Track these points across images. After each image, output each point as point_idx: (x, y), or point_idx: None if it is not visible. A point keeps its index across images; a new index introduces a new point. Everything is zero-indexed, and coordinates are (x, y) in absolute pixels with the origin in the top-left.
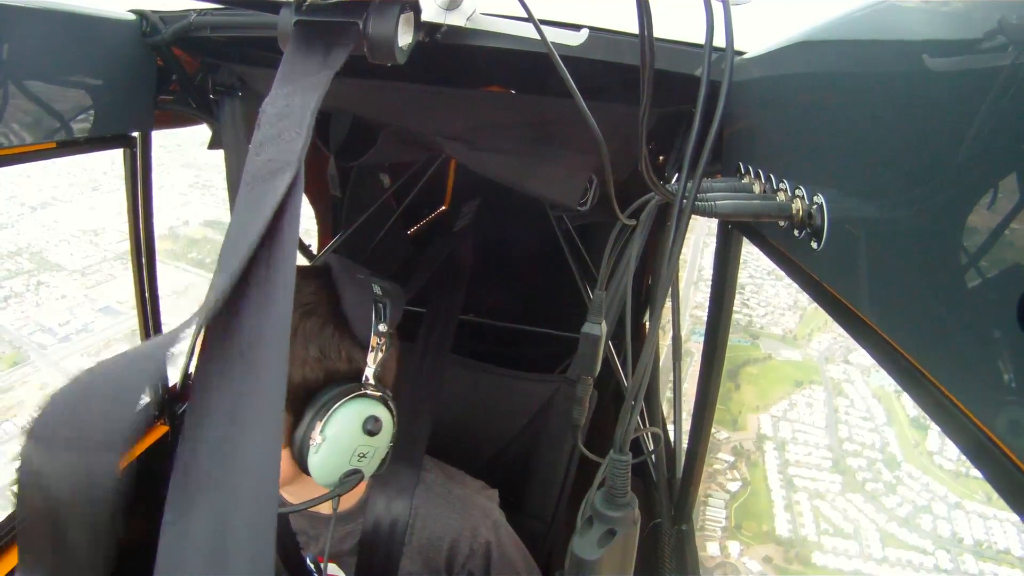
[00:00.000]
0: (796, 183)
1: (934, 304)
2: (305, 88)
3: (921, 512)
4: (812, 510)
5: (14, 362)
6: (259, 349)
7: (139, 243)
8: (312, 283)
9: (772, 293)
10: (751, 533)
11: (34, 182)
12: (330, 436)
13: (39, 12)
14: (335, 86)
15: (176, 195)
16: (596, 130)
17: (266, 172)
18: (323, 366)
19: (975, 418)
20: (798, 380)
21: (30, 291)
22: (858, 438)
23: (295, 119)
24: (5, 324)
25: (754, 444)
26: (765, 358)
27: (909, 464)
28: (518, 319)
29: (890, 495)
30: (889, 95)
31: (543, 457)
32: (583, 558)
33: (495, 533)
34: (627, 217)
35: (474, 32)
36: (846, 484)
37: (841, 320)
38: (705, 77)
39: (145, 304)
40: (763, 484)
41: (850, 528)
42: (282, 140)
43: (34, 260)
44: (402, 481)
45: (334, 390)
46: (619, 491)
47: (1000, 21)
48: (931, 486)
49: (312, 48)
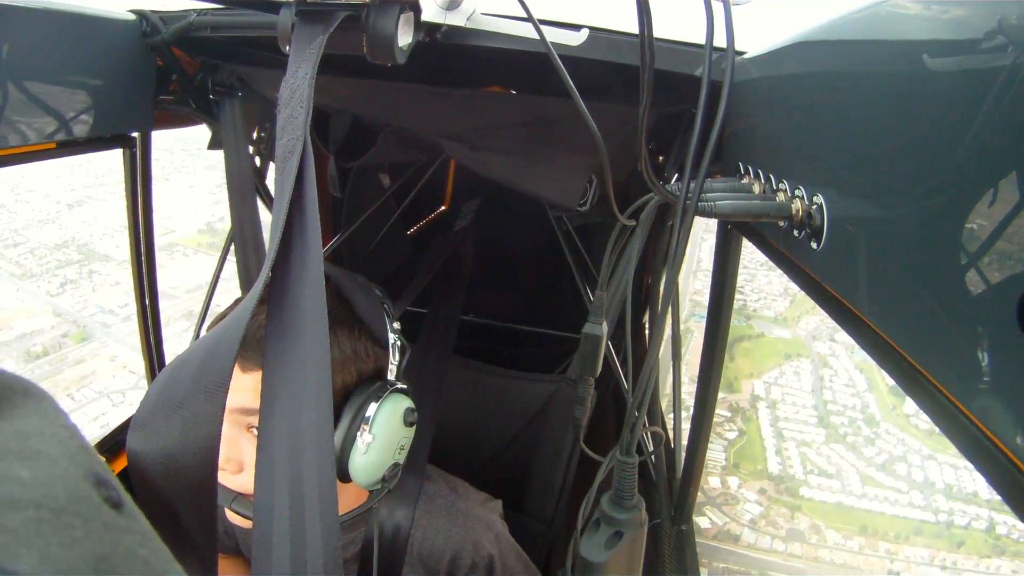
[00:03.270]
0: (796, 183)
1: (934, 304)
2: (307, 59)
3: (897, 460)
4: (800, 456)
5: (81, 339)
6: (301, 299)
7: (139, 243)
8: (327, 290)
9: (765, 282)
10: (747, 471)
11: (64, 182)
12: (379, 433)
13: (39, 12)
14: (335, 86)
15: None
16: (596, 130)
17: (286, 153)
18: (357, 368)
19: (975, 418)
20: (788, 354)
21: (83, 278)
22: (841, 401)
23: (300, 93)
24: (65, 307)
25: (748, 403)
26: (758, 335)
27: (887, 423)
28: (518, 319)
29: (869, 447)
30: (889, 95)
31: (543, 457)
32: (590, 560)
33: (497, 546)
34: (627, 217)
35: (474, 32)
36: (829, 436)
37: (841, 320)
38: (706, 77)
39: (145, 304)
40: (757, 434)
41: (833, 470)
42: (294, 118)
43: (82, 251)
44: (405, 489)
45: (366, 390)
46: (626, 493)
47: (1000, 21)
48: (906, 441)
49: (314, 27)
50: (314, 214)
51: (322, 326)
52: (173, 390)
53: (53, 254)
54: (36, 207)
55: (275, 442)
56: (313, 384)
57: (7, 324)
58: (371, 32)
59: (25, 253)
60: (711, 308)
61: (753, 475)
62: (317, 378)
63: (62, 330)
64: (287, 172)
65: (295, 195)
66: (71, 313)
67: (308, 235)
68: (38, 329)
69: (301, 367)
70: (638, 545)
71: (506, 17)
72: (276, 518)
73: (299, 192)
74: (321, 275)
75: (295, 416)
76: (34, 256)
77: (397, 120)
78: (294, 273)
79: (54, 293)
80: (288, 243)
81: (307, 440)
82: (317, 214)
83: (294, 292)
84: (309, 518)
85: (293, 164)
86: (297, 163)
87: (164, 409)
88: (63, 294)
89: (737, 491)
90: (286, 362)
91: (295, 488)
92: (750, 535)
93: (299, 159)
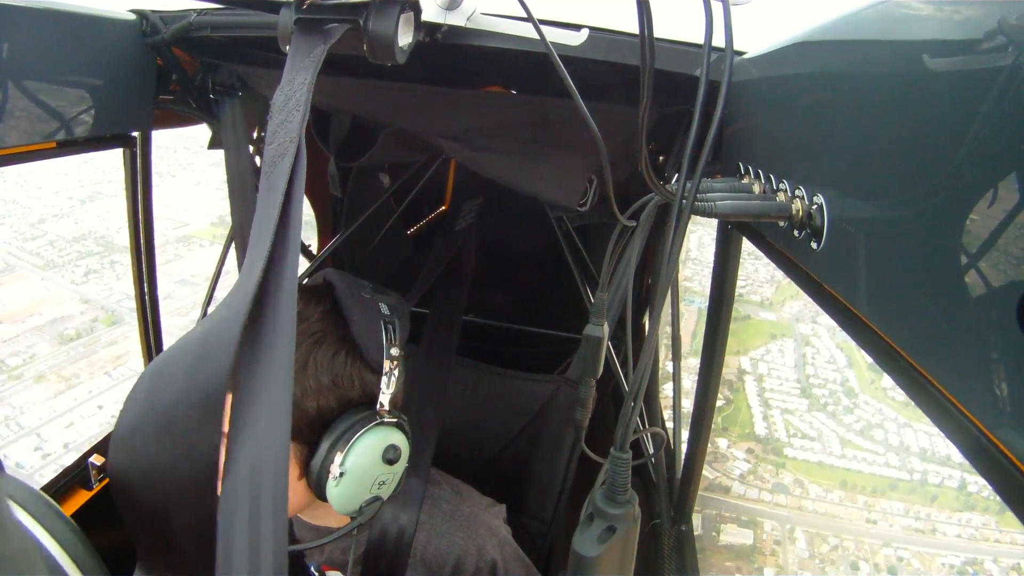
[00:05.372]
0: (796, 183)
1: (934, 304)
2: (305, 67)
3: (874, 427)
4: (784, 422)
5: (111, 322)
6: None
7: (139, 242)
8: (317, 307)
9: (752, 270)
10: (736, 434)
11: (73, 179)
12: (351, 468)
13: (39, 12)
14: (335, 86)
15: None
16: (596, 130)
17: (277, 156)
18: (337, 395)
19: (975, 418)
20: (773, 334)
21: (106, 268)
22: (822, 375)
23: (297, 98)
24: (91, 294)
25: (735, 376)
26: (744, 317)
27: (865, 395)
28: (518, 319)
29: (848, 415)
30: (889, 95)
31: (543, 457)
32: (583, 554)
33: (501, 552)
34: (627, 218)
35: (474, 32)
36: (811, 405)
37: (841, 320)
38: (704, 77)
39: (145, 304)
40: (744, 403)
41: (814, 434)
42: (288, 122)
43: (100, 243)
44: (410, 493)
45: (349, 419)
46: (620, 488)
47: (1000, 21)
48: (883, 411)
49: (314, 37)
50: (297, 221)
51: (289, 347)
52: (160, 397)
53: (72, 246)
54: (48, 203)
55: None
56: (275, 405)
57: (37, 310)
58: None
59: (45, 245)
60: (711, 308)
61: (741, 437)
62: (279, 399)
63: (91, 315)
64: (277, 175)
65: (285, 198)
66: (98, 300)
67: (288, 245)
68: (68, 315)
69: (264, 386)
70: (631, 540)
71: (506, 17)
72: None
73: (288, 197)
74: (294, 291)
75: (256, 437)
76: (54, 248)
77: (397, 120)
78: (271, 285)
79: (78, 282)
80: (271, 255)
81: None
82: (300, 222)
83: (270, 305)
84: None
85: (285, 166)
86: (290, 165)
87: (152, 423)
88: (87, 283)
89: (727, 451)
90: (252, 381)
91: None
92: (739, 487)
93: (291, 162)
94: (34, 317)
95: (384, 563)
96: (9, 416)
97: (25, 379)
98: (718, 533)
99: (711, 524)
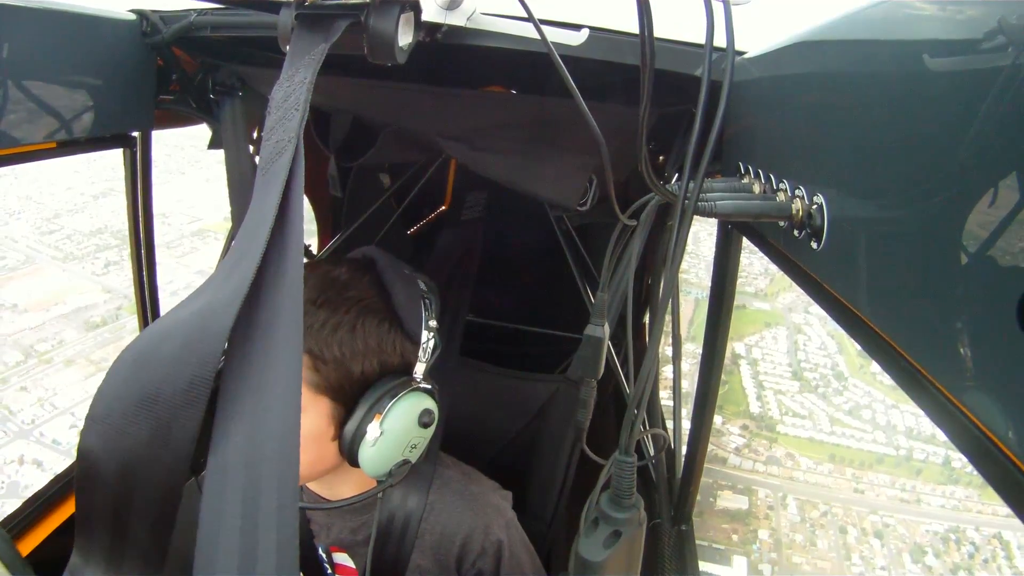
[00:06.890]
0: (796, 183)
1: (934, 304)
2: (305, 65)
3: (863, 408)
4: (777, 402)
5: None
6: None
7: (139, 242)
8: (364, 277)
9: (747, 263)
10: (731, 412)
11: (83, 177)
12: (389, 429)
13: (39, 12)
14: (335, 86)
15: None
16: (596, 130)
17: (274, 154)
18: (380, 360)
19: (975, 418)
20: (767, 322)
21: (125, 260)
22: (813, 360)
23: (295, 97)
24: (112, 285)
25: (730, 360)
26: (739, 307)
27: (855, 379)
28: (518, 319)
29: (837, 396)
30: (889, 95)
31: (543, 457)
32: (589, 559)
33: (507, 533)
34: (627, 217)
35: (474, 32)
36: (803, 387)
37: (841, 320)
38: (706, 77)
39: (145, 303)
40: (739, 384)
41: (805, 413)
42: (286, 120)
43: (117, 237)
44: (420, 475)
45: (388, 384)
46: (624, 492)
47: (1000, 21)
48: (872, 393)
49: (314, 36)
50: (298, 216)
51: (297, 336)
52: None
53: (90, 239)
54: (62, 199)
55: (230, 452)
56: (279, 396)
57: (61, 300)
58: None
59: (62, 239)
60: (711, 307)
61: (736, 415)
62: (284, 391)
63: (115, 304)
64: (274, 172)
65: (284, 194)
66: (119, 290)
67: (288, 240)
68: (92, 303)
69: (267, 376)
70: (637, 545)
71: (506, 17)
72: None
73: (287, 193)
74: (300, 285)
75: (255, 426)
76: (71, 242)
77: (397, 120)
78: (269, 278)
79: (99, 273)
80: (269, 248)
81: (267, 453)
82: (302, 218)
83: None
84: (263, 546)
85: (283, 163)
86: (288, 162)
87: (134, 402)
88: (108, 274)
89: (722, 427)
90: (250, 371)
91: (249, 512)
92: (735, 459)
93: (290, 160)
94: (59, 306)
95: (391, 544)
96: (43, 397)
97: (55, 363)
98: (715, 499)
99: (708, 491)
